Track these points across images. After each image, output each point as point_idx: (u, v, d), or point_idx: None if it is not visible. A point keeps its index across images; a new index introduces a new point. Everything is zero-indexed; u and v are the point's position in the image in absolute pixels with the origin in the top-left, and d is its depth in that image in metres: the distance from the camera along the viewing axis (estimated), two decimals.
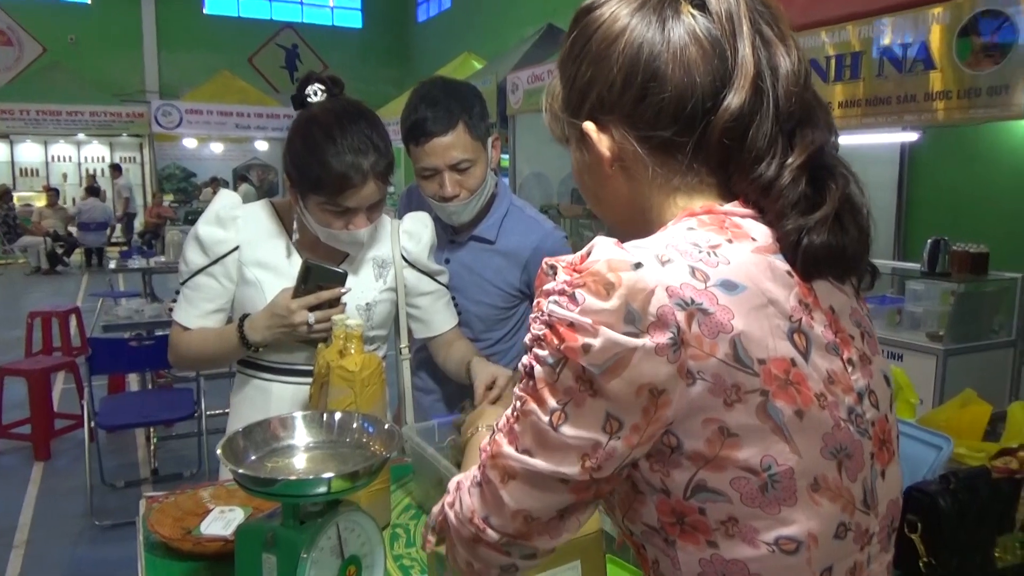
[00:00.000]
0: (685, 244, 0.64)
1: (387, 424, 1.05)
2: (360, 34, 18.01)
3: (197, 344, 1.48)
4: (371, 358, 1.26)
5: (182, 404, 3.76)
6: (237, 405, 1.56)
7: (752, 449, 0.61)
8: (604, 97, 0.69)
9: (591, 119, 0.71)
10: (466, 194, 1.64)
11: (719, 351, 0.60)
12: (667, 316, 0.59)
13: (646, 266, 0.60)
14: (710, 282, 0.61)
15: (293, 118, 1.46)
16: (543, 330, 0.63)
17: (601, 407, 0.61)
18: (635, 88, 0.67)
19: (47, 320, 5.78)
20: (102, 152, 15.28)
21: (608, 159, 0.71)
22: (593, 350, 0.59)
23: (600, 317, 0.59)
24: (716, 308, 0.60)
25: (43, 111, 13.32)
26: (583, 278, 0.61)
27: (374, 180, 1.39)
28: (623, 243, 0.65)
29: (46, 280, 11.28)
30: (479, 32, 13.68)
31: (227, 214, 1.48)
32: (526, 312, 1.83)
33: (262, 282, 1.47)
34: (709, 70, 0.66)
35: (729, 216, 0.68)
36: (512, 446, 0.66)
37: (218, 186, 13.70)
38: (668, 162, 0.70)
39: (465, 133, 1.60)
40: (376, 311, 1.55)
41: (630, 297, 0.59)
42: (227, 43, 16.36)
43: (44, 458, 4.21)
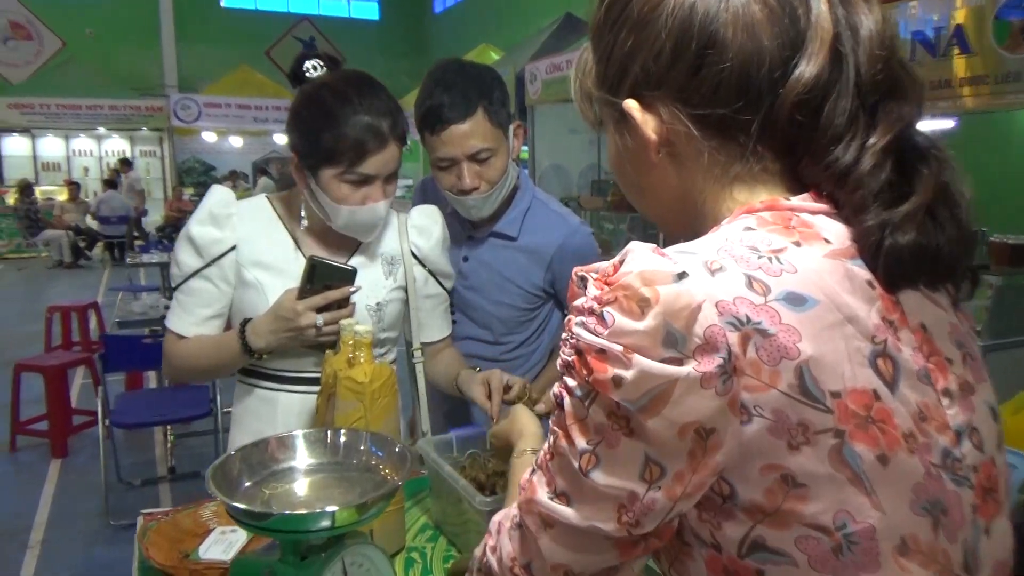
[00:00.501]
0: (741, 248, 0.53)
1: (398, 445, 0.95)
2: (377, 26, 17.93)
3: (194, 353, 1.37)
4: (382, 368, 1.16)
5: (198, 402, 3.70)
6: (240, 418, 1.45)
7: (823, 503, 0.51)
8: (650, 69, 0.59)
9: (634, 96, 0.60)
10: (486, 186, 1.52)
11: (781, 381, 0.49)
12: (716, 338, 0.49)
13: (692, 276, 0.50)
14: (771, 295, 0.51)
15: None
16: (572, 356, 0.54)
17: (638, 450, 0.51)
18: (688, 57, 0.57)
19: (66, 315, 5.75)
20: (122, 146, 15.33)
21: (654, 143, 0.60)
22: (626, 383, 0.50)
23: (633, 341, 0.49)
24: (778, 328, 0.50)
25: (63, 105, 13.39)
26: (613, 293, 0.51)
27: (394, 143, 1.30)
28: (665, 247, 0.54)
29: (68, 274, 11.32)
30: (496, 22, 13.54)
31: (221, 211, 1.36)
32: (550, 314, 1.72)
33: (263, 283, 1.36)
34: (777, 33, 0.55)
35: (796, 212, 0.57)
36: (548, 489, 0.57)
37: (237, 179, 13.70)
38: (727, 145, 0.59)
39: (485, 120, 1.48)
40: (387, 311, 1.44)
41: (670, 315, 0.49)
42: (245, 36, 16.32)
43: (61, 455, 4.17)
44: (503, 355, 1.70)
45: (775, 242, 0.54)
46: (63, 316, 5.71)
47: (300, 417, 1.38)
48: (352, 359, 1.16)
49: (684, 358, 0.49)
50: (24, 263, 12.16)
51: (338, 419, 1.14)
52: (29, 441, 4.31)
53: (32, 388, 4.30)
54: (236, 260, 1.37)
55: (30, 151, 14.54)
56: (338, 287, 1.31)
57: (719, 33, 0.55)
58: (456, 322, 1.70)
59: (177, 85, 15.54)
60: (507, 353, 1.70)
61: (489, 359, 1.70)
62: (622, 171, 0.67)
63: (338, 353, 1.21)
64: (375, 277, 1.43)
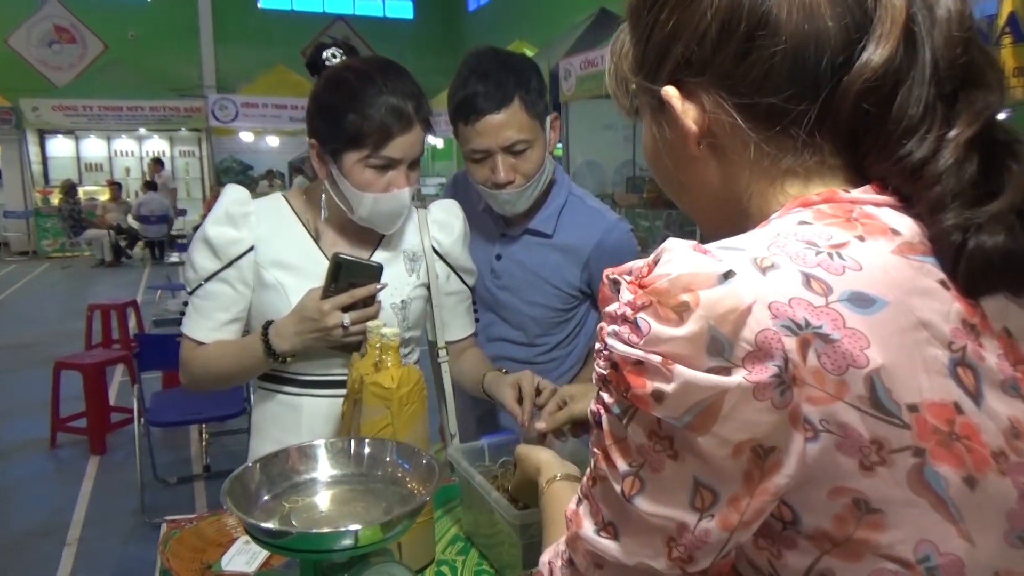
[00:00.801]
0: (796, 243, 0.47)
1: (426, 457, 0.89)
2: (411, 25, 17.99)
3: (214, 360, 1.32)
4: (410, 372, 1.10)
5: (232, 401, 3.70)
6: (261, 426, 1.39)
7: (902, 531, 0.45)
8: (692, 53, 0.53)
9: (674, 83, 0.55)
10: (521, 180, 1.45)
11: (849, 393, 0.44)
12: (770, 344, 0.43)
13: (739, 275, 0.45)
14: (833, 296, 0.45)
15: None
16: (607, 369, 0.48)
17: (686, 473, 0.46)
18: (736, 40, 0.51)
19: (106, 313, 5.83)
20: (162, 146, 15.57)
21: (695, 134, 0.55)
22: (668, 398, 0.44)
23: (672, 349, 0.44)
24: (843, 333, 0.44)
25: (105, 107, 13.64)
26: (647, 297, 0.45)
27: (420, 125, 1.25)
28: (706, 244, 0.48)
29: (110, 272, 11.54)
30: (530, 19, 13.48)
31: (238, 211, 1.31)
32: (586, 314, 1.65)
33: (284, 284, 1.31)
34: (840, 12, 0.49)
35: (858, 204, 0.50)
36: (594, 521, 0.52)
37: (274, 178, 13.84)
38: (778, 137, 0.52)
39: (521, 111, 1.41)
40: (411, 309, 1.39)
41: (715, 319, 0.43)
42: (281, 36, 16.47)
43: (100, 452, 4.21)
44: (537, 357, 1.63)
45: (835, 236, 0.48)
46: (103, 314, 5.79)
47: (327, 423, 1.33)
48: (379, 363, 1.11)
49: (732, 367, 0.43)
50: (68, 262, 12.42)
51: (364, 426, 1.09)
52: (69, 438, 4.36)
53: (72, 385, 4.36)
54: (255, 261, 1.31)
55: (74, 152, 14.85)
56: (364, 285, 1.26)
57: (771, 13, 0.50)
58: (487, 323, 1.64)
59: (215, 86, 15.78)
60: (542, 355, 1.63)
61: (523, 361, 1.63)
62: (659, 165, 0.61)
63: (364, 356, 1.15)
64: (398, 274, 1.38)
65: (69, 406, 4.36)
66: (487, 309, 1.64)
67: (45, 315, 8.07)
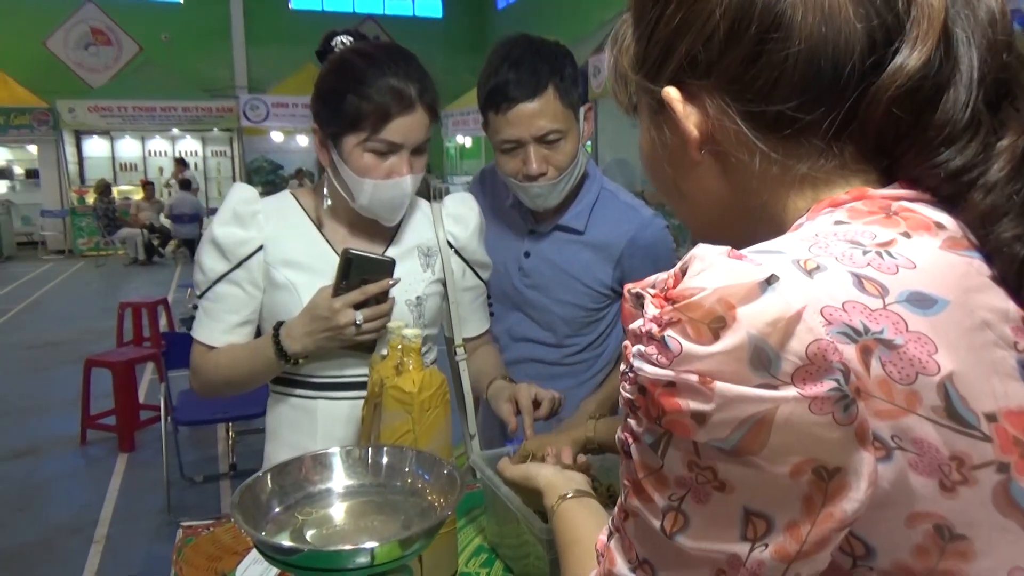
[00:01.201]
0: (840, 243, 0.44)
1: (447, 467, 0.83)
2: (441, 23, 18.02)
3: (226, 364, 1.27)
4: (432, 375, 1.05)
5: (258, 399, 3.67)
6: (276, 431, 1.34)
7: (992, 559, 0.40)
8: (698, 53, 0.49)
9: (676, 84, 0.51)
10: (554, 172, 1.39)
11: (921, 404, 0.39)
12: (825, 354, 0.38)
13: (783, 279, 0.39)
14: (890, 297, 0.41)
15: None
16: (634, 394, 0.42)
17: (735, 503, 0.40)
18: (746, 41, 0.47)
19: (137, 311, 5.87)
20: (195, 146, 15.79)
21: (696, 140, 0.51)
22: (711, 419, 0.39)
23: (709, 366, 0.38)
24: (906, 337, 0.40)
25: (139, 108, 13.89)
26: (676, 313, 0.40)
27: (423, 110, 1.20)
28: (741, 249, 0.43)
29: (143, 271, 11.70)
30: (560, 16, 13.40)
31: (246, 210, 1.26)
32: (618, 314, 1.58)
33: (295, 283, 1.26)
34: (865, 14, 0.45)
35: (892, 200, 0.46)
36: (627, 559, 0.46)
37: (303, 177, 13.92)
38: (789, 144, 0.48)
39: (555, 99, 1.34)
40: (427, 306, 1.33)
41: (758, 329, 0.37)
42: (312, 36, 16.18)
43: (128, 449, 4.24)
44: (566, 358, 1.57)
45: (880, 234, 0.44)
46: (134, 312, 5.84)
47: (345, 426, 1.28)
48: (400, 365, 1.06)
49: (779, 384, 0.38)
50: (102, 260, 12.63)
51: (384, 431, 1.04)
52: (98, 435, 4.40)
53: (102, 383, 4.39)
54: (264, 261, 1.27)
55: (109, 152, 15.11)
56: (376, 280, 1.20)
57: (786, 14, 0.46)
58: (513, 322, 1.58)
59: (247, 86, 15.94)
60: (571, 356, 1.57)
61: (551, 363, 1.57)
62: (656, 169, 0.56)
63: (385, 358, 1.10)
64: (413, 269, 1.32)
65: (99, 403, 4.39)
66: (514, 308, 1.58)
67: (79, 313, 8.19)
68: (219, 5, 16.30)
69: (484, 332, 1.47)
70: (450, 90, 12.26)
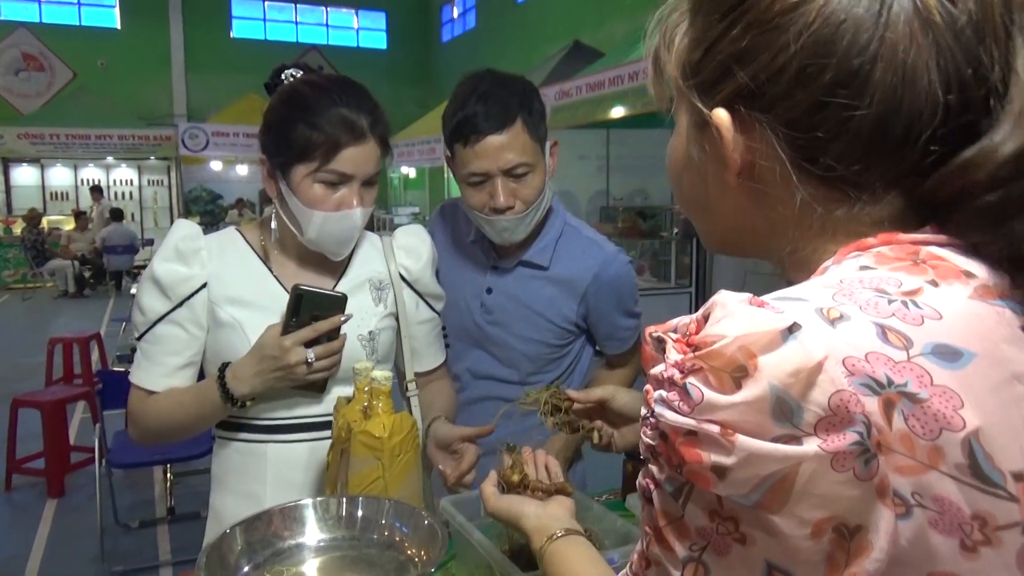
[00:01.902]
0: (864, 291, 0.42)
1: (427, 519, 0.80)
2: (385, 55, 18.08)
3: (167, 410, 1.20)
4: (403, 419, 1.02)
5: (199, 439, 3.53)
6: (222, 478, 1.27)
7: None
8: (761, 85, 0.46)
9: (727, 107, 0.48)
10: (521, 206, 1.38)
11: (945, 461, 0.38)
12: (847, 406, 0.38)
13: (805, 328, 0.38)
14: (915, 349, 0.39)
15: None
16: (656, 440, 0.42)
17: (757, 557, 0.39)
18: (815, 87, 0.44)
19: (68, 347, 5.63)
20: (130, 175, 15.36)
21: (735, 167, 0.49)
22: (731, 474, 0.38)
23: (731, 417, 0.38)
24: (931, 391, 0.38)
25: (73, 135, 13.45)
26: (698, 360, 0.39)
27: (375, 141, 1.19)
28: (763, 296, 0.42)
29: (74, 304, 11.23)
30: (504, 51, 13.60)
31: (188, 246, 1.21)
32: (581, 350, 1.57)
33: (241, 322, 1.21)
34: (951, 84, 0.43)
35: (921, 245, 0.45)
36: None
37: (244, 207, 13.66)
38: (833, 193, 0.47)
39: (524, 132, 1.34)
40: (380, 341, 1.29)
41: (780, 379, 0.37)
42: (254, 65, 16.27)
43: (58, 495, 4.01)
44: None
45: (906, 282, 0.43)
46: (65, 348, 5.59)
47: (300, 471, 1.22)
48: (368, 409, 1.02)
49: (803, 435, 0.37)
50: (29, 292, 12.07)
51: (352, 479, 0.99)
52: (25, 480, 4.15)
53: (30, 423, 4.16)
54: (208, 299, 1.21)
55: (38, 181, 14.57)
56: (327, 317, 1.16)
57: (864, 69, 0.43)
58: (475, 360, 1.56)
59: (186, 114, 15.64)
60: None
61: (513, 400, 1.55)
62: (683, 179, 0.54)
63: (351, 401, 1.06)
64: (364, 303, 1.29)
65: (27, 446, 4.16)
66: (475, 346, 1.56)
67: (4, 348, 7.78)
68: (159, 32, 16.04)
69: (438, 366, 1.44)
70: (395, 121, 12.14)
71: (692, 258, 6.75)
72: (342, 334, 1.19)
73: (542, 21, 13.70)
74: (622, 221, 8.52)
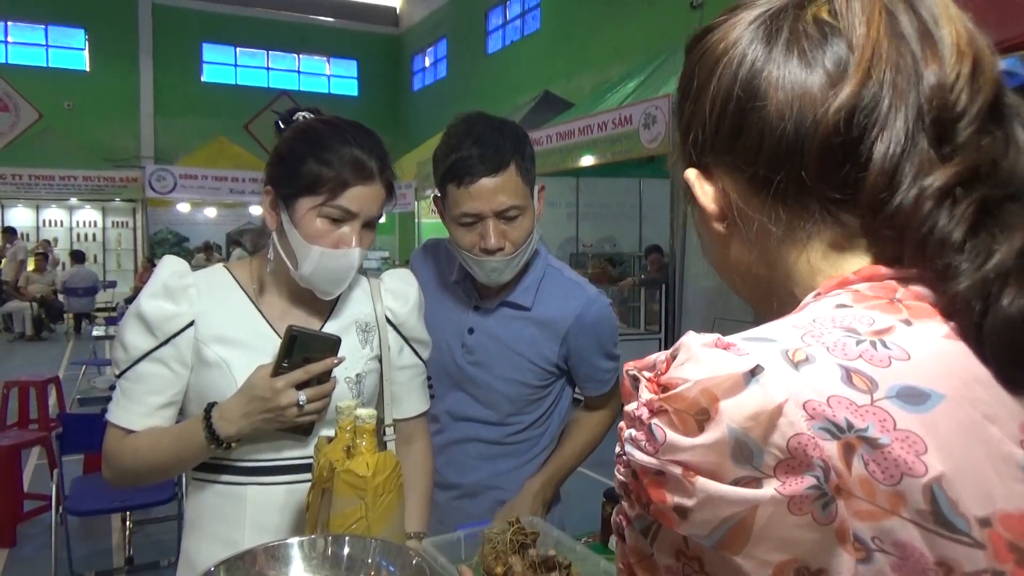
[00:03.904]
0: (834, 331, 0.42)
1: (415, 558, 0.79)
2: (356, 102, 18.25)
3: (146, 450, 1.17)
4: (386, 458, 1.00)
5: (162, 486, 3.43)
6: (197, 522, 1.22)
7: None
8: (700, 135, 0.54)
9: (695, 165, 0.55)
10: (511, 248, 1.40)
11: (906, 507, 0.37)
12: (805, 450, 0.38)
13: (768, 370, 0.39)
14: (879, 392, 0.39)
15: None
16: (627, 477, 0.42)
17: None
18: (729, 115, 0.50)
19: (24, 390, 5.45)
20: (94, 216, 15.13)
21: (714, 214, 0.54)
22: (692, 514, 0.39)
23: (691, 458, 0.38)
24: (892, 436, 0.38)
25: (36, 176, 13.27)
26: (662, 402, 0.40)
27: (381, 184, 1.20)
28: (730, 336, 0.43)
29: (30, 346, 10.92)
30: (474, 100, 13.81)
31: (176, 283, 1.20)
32: (561, 392, 1.57)
33: (228, 361, 1.19)
34: (822, 59, 0.47)
35: (901, 283, 0.45)
36: None
37: (211, 251, 13.51)
38: (783, 208, 0.49)
39: (516, 176, 1.37)
40: (366, 383, 1.28)
41: (740, 422, 0.38)
42: (223, 109, 16.46)
43: (9, 545, 3.83)
44: (509, 438, 1.54)
45: (878, 321, 0.43)
46: (21, 392, 5.41)
47: (280, 514, 1.19)
48: (351, 448, 1.01)
49: (762, 476, 0.38)
50: None
51: (334, 519, 0.98)
52: None
53: None
54: (194, 337, 1.19)
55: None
56: (319, 359, 1.15)
57: (761, 86, 0.49)
58: (454, 401, 1.55)
59: (154, 156, 15.55)
60: (513, 436, 1.54)
61: (493, 442, 1.54)
62: (703, 246, 0.59)
63: (333, 440, 1.05)
64: (352, 345, 1.27)
65: None
66: (455, 387, 1.55)
67: None
68: (128, 75, 16.03)
69: (419, 415, 1.41)
70: None
71: (661, 304, 6.82)
72: (332, 377, 1.18)
73: (512, 72, 13.99)
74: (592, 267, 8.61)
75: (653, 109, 6.34)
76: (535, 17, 13.79)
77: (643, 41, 10.33)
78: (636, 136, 6.49)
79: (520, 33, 14.31)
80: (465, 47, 16.06)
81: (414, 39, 18.55)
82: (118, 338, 1.21)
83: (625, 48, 10.95)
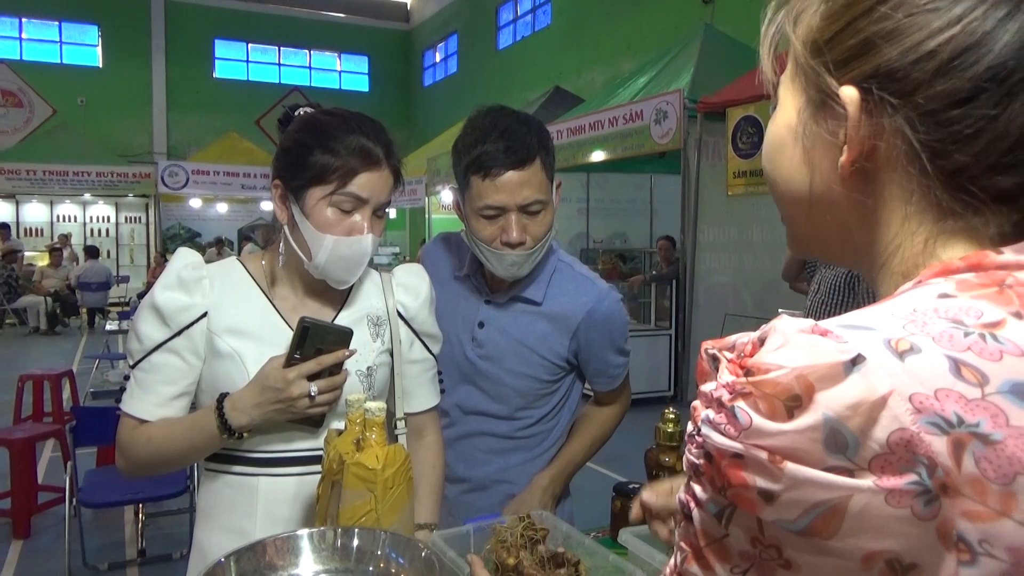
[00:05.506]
0: (939, 321, 0.39)
1: (425, 550, 0.79)
2: (367, 98, 18.31)
3: (159, 440, 1.18)
4: (396, 451, 1.01)
5: (174, 479, 3.46)
6: (209, 511, 1.24)
7: None
8: (905, 68, 0.43)
9: (859, 87, 0.45)
10: (531, 242, 1.40)
11: (1019, 508, 0.35)
12: (909, 445, 0.35)
13: (870, 360, 0.37)
14: (990, 386, 0.37)
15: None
16: (700, 460, 0.40)
17: None
18: (964, 79, 0.42)
19: (38, 384, 5.49)
20: (107, 212, 15.26)
21: (856, 151, 0.45)
22: (779, 499, 0.37)
23: (779, 444, 0.36)
24: (1006, 432, 0.36)
25: (50, 171, 13.38)
26: (749, 385, 0.38)
27: (388, 170, 1.21)
28: (825, 322, 0.40)
29: (44, 341, 11.02)
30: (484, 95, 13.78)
31: (191, 275, 1.21)
32: (571, 387, 1.57)
33: (240, 353, 1.20)
34: None
35: (1011, 270, 0.42)
36: None
37: (223, 246, 13.59)
38: (952, 199, 0.45)
39: (541, 171, 1.38)
40: (377, 377, 1.28)
41: (838, 411, 0.36)
42: (235, 105, 16.55)
43: (24, 536, 3.87)
44: (518, 432, 1.54)
45: (987, 312, 0.40)
46: (35, 385, 5.46)
47: (289, 506, 1.20)
48: (361, 441, 1.01)
49: (855, 469, 0.36)
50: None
51: (343, 512, 0.98)
52: None
53: None
54: (207, 329, 1.20)
55: (13, 216, 14.42)
56: (331, 351, 1.15)
57: (1016, 74, 0.41)
58: (464, 395, 1.55)
59: (166, 152, 15.66)
60: (523, 430, 1.54)
61: (503, 436, 1.54)
62: (780, 161, 0.51)
63: (343, 433, 1.05)
64: (363, 339, 1.28)
65: None
66: (465, 381, 1.55)
67: None
68: (140, 71, 16.13)
69: (430, 409, 1.41)
70: None
71: (671, 301, 6.80)
72: (344, 369, 1.18)
73: (522, 67, 13.98)
74: (602, 263, 8.60)
75: (664, 104, 6.31)
76: (546, 12, 13.77)
77: (654, 36, 10.30)
78: (647, 131, 6.47)
79: (531, 28, 14.30)
80: (475, 43, 16.06)
81: (425, 35, 18.57)
82: (132, 329, 1.22)
83: (636, 43, 10.92)
